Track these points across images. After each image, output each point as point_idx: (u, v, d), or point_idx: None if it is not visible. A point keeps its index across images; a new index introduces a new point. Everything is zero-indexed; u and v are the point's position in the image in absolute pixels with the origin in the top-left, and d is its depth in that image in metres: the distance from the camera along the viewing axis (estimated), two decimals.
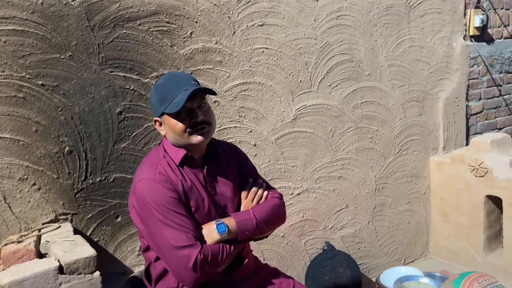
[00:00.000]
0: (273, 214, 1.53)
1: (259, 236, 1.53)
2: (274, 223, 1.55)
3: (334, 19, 2.54)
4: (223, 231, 1.41)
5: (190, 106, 1.41)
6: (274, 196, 1.59)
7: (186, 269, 1.32)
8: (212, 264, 1.36)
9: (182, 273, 1.33)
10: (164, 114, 1.43)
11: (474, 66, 3.24)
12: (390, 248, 3.01)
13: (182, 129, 1.41)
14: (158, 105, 1.44)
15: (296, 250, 2.59)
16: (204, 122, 1.43)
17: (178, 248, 1.32)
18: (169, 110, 1.39)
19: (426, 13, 2.95)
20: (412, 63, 2.92)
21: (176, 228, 1.34)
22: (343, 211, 2.75)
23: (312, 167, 2.59)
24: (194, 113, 1.41)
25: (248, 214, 1.49)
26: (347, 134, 2.71)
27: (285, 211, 1.61)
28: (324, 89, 2.58)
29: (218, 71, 2.19)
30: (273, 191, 1.62)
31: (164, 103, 1.41)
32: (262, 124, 2.37)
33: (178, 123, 1.41)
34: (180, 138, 1.44)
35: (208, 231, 1.41)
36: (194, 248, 1.33)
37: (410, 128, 2.98)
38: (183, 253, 1.32)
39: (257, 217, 1.48)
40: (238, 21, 2.23)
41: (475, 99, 3.30)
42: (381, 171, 2.88)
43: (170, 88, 1.42)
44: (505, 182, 2.68)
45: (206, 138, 1.45)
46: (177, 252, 1.32)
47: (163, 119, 1.46)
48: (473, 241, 2.92)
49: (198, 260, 1.32)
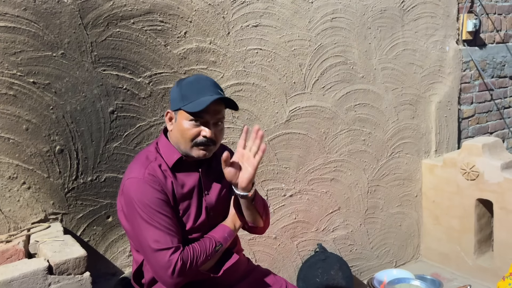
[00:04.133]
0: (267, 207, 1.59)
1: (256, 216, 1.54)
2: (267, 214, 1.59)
3: (329, 21, 2.55)
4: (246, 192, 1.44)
5: (208, 119, 1.40)
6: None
7: (166, 273, 1.32)
8: (193, 267, 1.35)
9: (163, 277, 1.33)
10: (181, 110, 1.41)
11: (466, 70, 3.26)
12: (382, 250, 3.02)
13: (189, 136, 1.40)
14: (178, 100, 1.41)
15: (288, 251, 2.59)
16: (212, 141, 1.42)
17: (159, 250, 1.32)
18: (189, 108, 1.37)
19: (420, 17, 2.96)
20: (405, 66, 2.94)
21: (159, 229, 1.34)
22: (335, 213, 2.76)
23: (305, 169, 2.59)
24: (208, 126, 1.40)
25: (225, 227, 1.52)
26: (340, 136, 2.71)
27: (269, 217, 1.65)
28: (317, 91, 2.58)
29: (212, 72, 2.19)
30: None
31: (185, 99, 1.39)
32: (255, 125, 2.36)
33: (190, 128, 1.39)
34: (182, 143, 1.42)
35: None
36: (174, 253, 1.33)
37: (403, 131, 3.00)
38: (163, 256, 1.32)
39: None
40: (232, 21, 2.22)
41: (467, 103, 3.33)
42: (373, 173, 2.89)
43: (198, 88, 1.40)
44: (496, 185, 2.70)
45: (207, 156, 1.44)
46: (158, 254, 1.32)
47: (177, 115, 1.43)
48: (464, 245, 2.94)
49: (177, 266, 1.31)
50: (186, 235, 1.43)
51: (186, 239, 1.42)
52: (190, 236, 1.44)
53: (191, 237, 1.44)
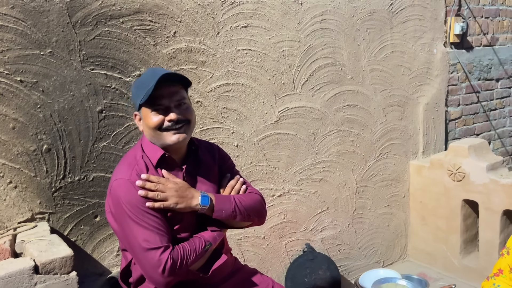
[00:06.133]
0: (253, 205, 1.54)
1: (234, 223, 1.53)
2: (253, 215, 1.55)
3: (318, 22, 2.56)
4: (205, 204, 1.43)
5: (167, 103, 1.40)
6: (255, 193, 1.59)
7: (156, 272, 1.32)
8: (183, 266, 1.36)
9: (153, 276, 1.34)
10: (142, 107, 1.42)
11: (453, 72, 3.31)
12: (370, 250, 3.04)
13: (154, 126, 1.40)
14: (136, 98, 1.43)
15: (276, 251, 2.60)
16: (182, 121, 1.41)
17: (149, 250, 1.33)
18: (143, 98, 1.37)
19: (408, 20, 3.00)
20: (393, 68, 2.97)
21: (148, 229, 1.34)
22: (323, 213, 2.78)
23: (294, 169, 2.60)
24: (170, 111, 1.40)
25: (229, 197, 1.51)
26: (329, 137, 2.73)
27: (265, 208, 1.62)
28: (307, 91, 2.59)
29: (202, 72, 2.19)
30: (253, 188, 1.62)
31: (139, 94, 1.40)
32: (244, 125, 2.38)
33: (153, 117, 1.40)
34: (154, 135, 1.42)
35: (191, 200, 1.42)
36: (164, 252, 1.33)
37: (391, 132, 3.03)
38: (154, 255, 1.32)
39: (236, 202, 1.50)
40: (222, 22, 2.23)
41: (454, 105, 3.37)
42: (361, 174, 2.92)
43: (146, 78, 1.41)
44: (481, 186, 2.74)
45: (184, 138, 1.43)
46: (148, 254, 1.33)
47: (141, 113, 1.44)
48: (450, 245, 2.98)
49: (167, 265, 1.32)
50: (175, 235, 1.43)
51: (175, 239, 1.42)
52: (179, 236, 1.44)
53: (180, 236, 1.44)
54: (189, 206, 1.41)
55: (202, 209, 1.43)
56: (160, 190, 1.38)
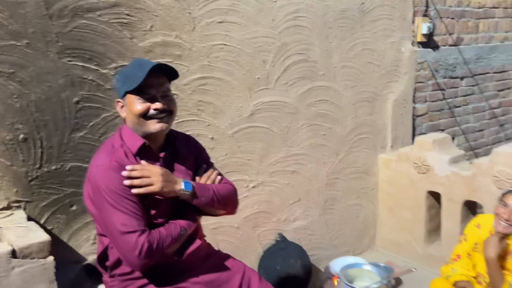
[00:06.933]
0: (228, 195, 1.63)
1: (210, 210, 1.61)
2: (227, 204, 1.64)
3: (291, 20, 2.65)
4: (188, 189, 1.49)
5: (154, 93, 1.46)
6: (229, 183, 1.67)
7: (133, 255, 1.38)
8: (159, 250, 1.42)
9: (130, 258, 1.40)
10: (127, 94, 1.47)
11: (421, 70, 3.46)
12: (340, 240, 3.17)
13: (140, 112, 1.45)
14: (122, 86, 1.48)
15: (250, 241, 2.69)
16: (166, 111, 1.48)
17: (126, 233, 1.38)
18: (132, 86, 1.43)
19: (378, 19, 3.12)
20: (364, 65, 3.09)
21: (126, 213, 1.40)
22: (296, 204, 2.88)
23: (268, 161, 2.69)
24: (156, 99, 1.46)
25: (207, 185, 1.59)
26: (302, 131, 2.83)
27: (237, 200, 1.70)
28: (280, 86, 2.68)
29: (178, 65, 2.24)
30: (227, 180, 1.70)
31: (127, 82, 1.45)
32: (220, 118, 2.45)
33: (138, 105, 1.45)
34: (138, 122, 1.47)
35: (175, 185, 1.48)
36: (141, 235, 1.39)
37: (361, 127, 3.15)
38: (131, 238, 1.38)
39: (215, 190, 1.58)
40: (198, 17, 2.28)
41: (421, 102, 3.53)
42: (333, 166, 3.03)
43: (135, 67, 1.47)
44: (444, 179, 2.90)
45: (166, 128, 1.50)
46: (125, 237, 1.38)
47: (126, 100, 1.49)
48: (415, 234, 3.13)
49: (144, 248, 1.38)
50: (151, 220, 1.49)
51: (152, 224, 1.48)
52: (155, 221, 1.50)
53: (156, 222, 1.50)
54: (173, 190, 1.48)
55: (185, 194, 1.50)
56: (146, 175, 1.44)
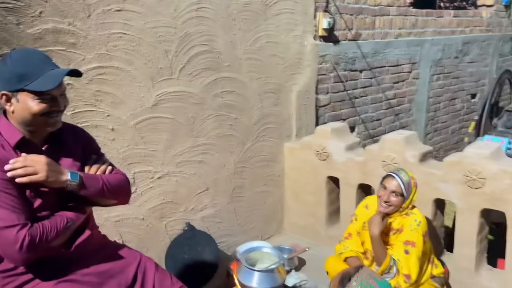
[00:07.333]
0: (119, 184, 1.63)
1: (101, 200, 1.60)
2: (118, 193, 1.64)
3: (194, 10, 2.67)
4: (75, 180, 1.47)
5: (56, 93, 1.44)
6: (120, 173, 1.67)
7: (13, 250, 1.34)
8: (42, 243, 1.39)
9: (10, 253, 1.36)
10: (23, 91, 1.40)
11: (323, 63, 3.66)
12: (249, 226, 3.28)
13: (39, 112, 1.42)
14: (15, 80, 1.40)
15: (156, 231, 2.69)
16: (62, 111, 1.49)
17: (5, 228, 1.34)
18: (36, 87, 1.38)
19: (281, 12, 3.25)
20: (268, 58, 3.20)
21: (4, 207, 1.35)
22: (203, 193, 2.93)
23: (173, 151, 2.70)
24: (56, 100, 1.45)
25: (96, 176, 1.58)
26: (208, 121, 2.88)
27: (130, 188, 1.71)
28: (185, 77, 2.69)
29: (72, 54, 2.16)
30: (118, 170, 1.69)
31: (25, 79, 1.38)
32: (120, 108, 2.40)
33: (37, 104, 1.41)
34: (32, 120, 1.43)
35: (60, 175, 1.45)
36: (21, 229, 1.35)
37: (267, 117, 3.27)
38: (10, 233, 1.34)
39: (104, 180, 1.57)
40: (93, 4, 2.21)
41: (323, 93, 3.74)
42: (240, 155, 3.12)
43: (33, 63, 1.41)
44: (341, 164, 3.13)
45: (60, 124, 1.51)
46: (4, 232, 1.34)
47: (19, 96, 1.42)
48: (318, 217, 3.34)
49: (25, 241, 1.34)
50: (35, 213, 1.44)
51: (36, 217, 1.44)
52: (40, 214, 1.46)
53: (41, 215, 1.46)
54: (59, 180, 1.44)
55: (71, 185, 1.47)
56: (29, 164, 1.40)
